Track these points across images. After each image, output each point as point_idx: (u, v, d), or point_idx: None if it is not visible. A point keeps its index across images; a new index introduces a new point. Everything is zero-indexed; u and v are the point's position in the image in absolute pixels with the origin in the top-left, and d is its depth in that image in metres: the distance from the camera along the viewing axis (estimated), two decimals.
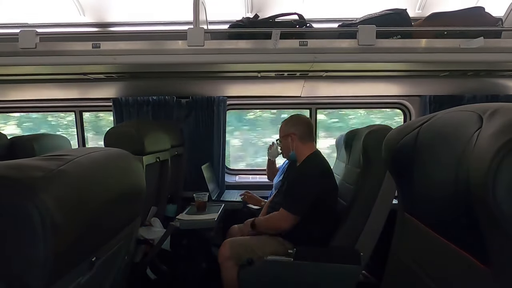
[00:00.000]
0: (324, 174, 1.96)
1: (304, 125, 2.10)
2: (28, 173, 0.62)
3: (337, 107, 3.24)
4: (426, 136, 0.71)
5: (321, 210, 1.89)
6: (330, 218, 1.91)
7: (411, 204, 0.82)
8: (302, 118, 2.17)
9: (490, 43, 1.84)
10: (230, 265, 1.84)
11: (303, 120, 2.15)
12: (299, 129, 2.07)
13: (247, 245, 1.89)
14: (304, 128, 2.08)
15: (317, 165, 1.99)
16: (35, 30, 1.89)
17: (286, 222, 1.87)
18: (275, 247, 1.88)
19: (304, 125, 2.10)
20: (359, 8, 2.21)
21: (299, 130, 2.06)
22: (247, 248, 1.87)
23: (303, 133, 2.06)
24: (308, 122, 2.16)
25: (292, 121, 2.14)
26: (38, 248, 0.58)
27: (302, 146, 2.06)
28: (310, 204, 1.84)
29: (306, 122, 2.14)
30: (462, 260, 0.58)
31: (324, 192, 1.90)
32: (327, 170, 1.99)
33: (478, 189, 0.49)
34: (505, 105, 0.57)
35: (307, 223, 1.87)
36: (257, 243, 1.90)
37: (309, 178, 1.91)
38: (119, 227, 0.96)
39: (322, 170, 1.96)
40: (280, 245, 1.89)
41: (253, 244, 1.90)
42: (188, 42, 1.85)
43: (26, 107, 3.12)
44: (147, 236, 2.01)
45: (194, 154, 2.86)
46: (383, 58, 1.90)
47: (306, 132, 2.07)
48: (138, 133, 1.84)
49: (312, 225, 1.87)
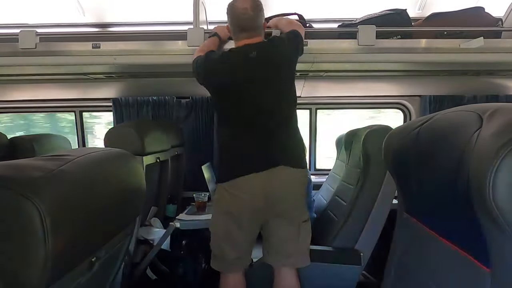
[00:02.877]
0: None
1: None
2: (28, 173, 0.62)
3: (337, 107, 3.24)
4: (426, 136, 0.71)
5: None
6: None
7: (411, 204, 0.82)
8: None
9: (490, 43, 1.84)
10: None
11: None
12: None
13: None
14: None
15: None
16: (35, 30, 1.89)
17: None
18: None
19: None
20: (359, 8, 2.21)
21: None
22: None
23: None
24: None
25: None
26: (38, 248, 0.58)
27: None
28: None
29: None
30: (462, 260, 0.58)
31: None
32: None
33: (478, 189, 0.49)
34: (505, 105, 0.57)
35: None
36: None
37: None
38: (119, 227, 0.96)
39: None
40: None
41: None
42: (188, 42, 1.85)
43: (26, 107, 3.12)
44: (147, 236, 2.02)
45: (194, 154, 2.86)
46: (383, 58, 1.90)
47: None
48: (138, 133, 1.84)
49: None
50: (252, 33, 1.58)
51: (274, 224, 1.54)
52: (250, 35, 1.58)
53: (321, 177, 2.75)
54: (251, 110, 1.54)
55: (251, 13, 1.55)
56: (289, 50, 1.60)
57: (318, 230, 2.14)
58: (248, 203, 1.49)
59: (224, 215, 1.54)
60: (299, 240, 1.55)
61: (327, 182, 2.52)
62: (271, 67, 1.55)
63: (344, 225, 1.81)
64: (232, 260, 1.56)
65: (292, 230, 1.54)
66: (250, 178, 1.48)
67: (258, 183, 1.48)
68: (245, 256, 1.59)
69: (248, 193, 1.49)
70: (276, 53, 1.57)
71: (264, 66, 1.53)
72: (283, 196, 1.51)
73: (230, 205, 1.52)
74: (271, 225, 1.55)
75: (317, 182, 2.55)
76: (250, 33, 1.58)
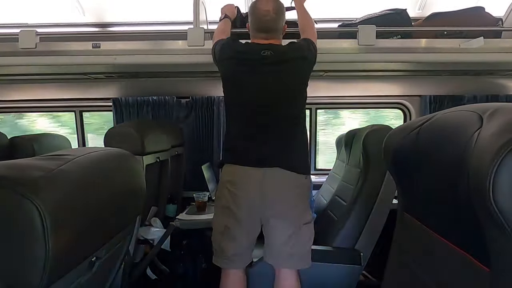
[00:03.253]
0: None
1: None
2: (28, 173, 0.62)
3: (337, 107, 3.24)
4: (426, 136, 0.71)
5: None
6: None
7: (411, 204, 0.82)
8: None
9: (490, 43, 1.85)
10: None
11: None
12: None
13: None
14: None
15: None
16: (35, 30, 1.89)
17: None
18: None
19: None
20: (359, 8, 2.21)
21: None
22: None
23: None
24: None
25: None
26: (38, 248, 0.58)
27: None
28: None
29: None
30: (462, 260, 0.58)
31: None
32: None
33: (478, 189, 0.49)
34: (505, 105, 0.57)
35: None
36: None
37: None
38: (119, 227, 0.96)
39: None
40: None
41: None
42: (188, 42, 1.85)
43: (26, 107, 3.12)
44: (147, 236, 2.01)
45: (194, 154, 2.86)
46: (383, 58, 1.90)
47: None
48: (138, 133, 1.84)
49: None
50: (271, 34, 1.59)
51: (274, 224, 1.54)
52: (268, 37, 1.59)
53: (321, 177, 2.76)
54: (254, 106, 1.55)
55: (273, 15, 1.56)
56: (306, 55, 1.61)
57: (318, 230, 2.13)
58: (245, 199, 1.51)
59: (223, 211, 1.56)
60: (299, 242, 1.54)
61: (327, 182, 2.53)
62: (284, 69, 1.55)
63: (344, 225, 1.81)
64: (231, 256, 1.56)
65: (292, 231, 1.53)
66: (246, 172, 1.50)
67: (253, 179, 1.49)
68: (244, 253, 1.59)
69: (245, 190, 1.50)
70: (292, 58, 1.57)
71: (276, 67, 1.54)
72: (277, 198, 1.50)
73: (228, 201, 1.53)
74: (271, 225, 1.55)
75: (317, 182, 2.55)
76: (269, 34, 1.59)
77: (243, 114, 1.58)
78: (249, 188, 1.50)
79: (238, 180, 1.51)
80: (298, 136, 1.59)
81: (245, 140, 1.55)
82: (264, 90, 1.54)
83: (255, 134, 1.53)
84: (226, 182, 1.54)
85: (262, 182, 1.49)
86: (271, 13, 1.56)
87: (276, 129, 1.53)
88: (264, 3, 1.58)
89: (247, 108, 1.57)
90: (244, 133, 1.56)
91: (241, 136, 1.57)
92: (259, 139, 1.52)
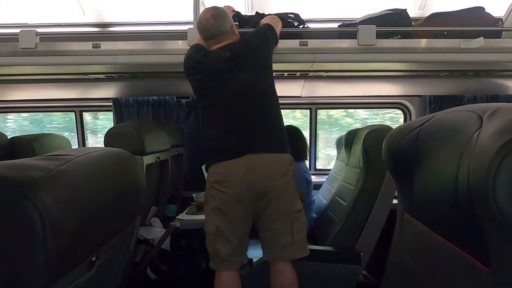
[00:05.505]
0: None
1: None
2: (27, 173, 0.62)
3: (337, 107, 3.24)
4: (426, 136, 0.71)
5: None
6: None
7: (411, 204, 0.82)
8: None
9: (490, 43, 1.84)
10: None
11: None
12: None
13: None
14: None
15: None
16: (35, 30, 1.89)
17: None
18: None
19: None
20: (359, 8, 2.21)
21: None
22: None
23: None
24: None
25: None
26: (38, 248, 0.58)
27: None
28: None
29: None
30: (462, 260, 0.57)
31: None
32: None
33: (478, 189, 0.49)
34: (505, 105, 0.57)
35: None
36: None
37: None
38: (119, 227, 0.96)
39: None
40: None
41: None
42: (188, 42, 1.85)
43: (26, 107, 3.12)
44: (147, 236, 2.02)
45: (194, 154, 2.86)
46: (383, 58, 1.90)
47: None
48: (138, 133, 1.84)
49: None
50: (219, 38, 1.66)
51: (265, 217, 1.56)
52: (219, 40, 1.66)
53: (321, 177, 2.76)
54: (224, 104, 1.61)
55: (212, 21, 1.65)
56: (258, 43, 1.68)
57: (318, 230, 2.14)
58: (233, 194, 1.53)
59: (212, 212, 1.58)
60: (293, 232, 1.55)
61: (327, 182, 2.53)
62: (246, 62, 1.61)
63: (344, 225, 1.81)
64: (224, 256, 1.57)
65: (285, 221, 1.54)
66: (229, 166, 1.53)
67: (238, 171, 1.52)
68: (237, 253, 1.60)
69: (232, 184, 1.53)
70: (248, 49, 1.64)
71: (238, 63, 1.60)
72: (266, 182, 1.53)
73: (217, 201, 1.56)
74: (262, 219, 1.56)
75: (317, 182, 2.55)
76: (218, 38, 1.66)
77: (216, 114, 1.65)
78: (236, 181, 1.52)
79: (224, 177, 1.55)
80: (272, 116, 1.64)
81: (222, 137, 1.60)
82: (232, 87, 1.60)
83: (230, 128, 1.59)
84: (212, 183, 1.58)
85: (246, 172, 1.52)
86: (210, 20, 1.65)
87: (249, 117, 1.58)
88: (203, 14, 1.69)
89: (219, 108, 1.64)
90: (220, 131, 1.62)
91: (218, 134, 1.63)
92: (235, 131, 1.58)
